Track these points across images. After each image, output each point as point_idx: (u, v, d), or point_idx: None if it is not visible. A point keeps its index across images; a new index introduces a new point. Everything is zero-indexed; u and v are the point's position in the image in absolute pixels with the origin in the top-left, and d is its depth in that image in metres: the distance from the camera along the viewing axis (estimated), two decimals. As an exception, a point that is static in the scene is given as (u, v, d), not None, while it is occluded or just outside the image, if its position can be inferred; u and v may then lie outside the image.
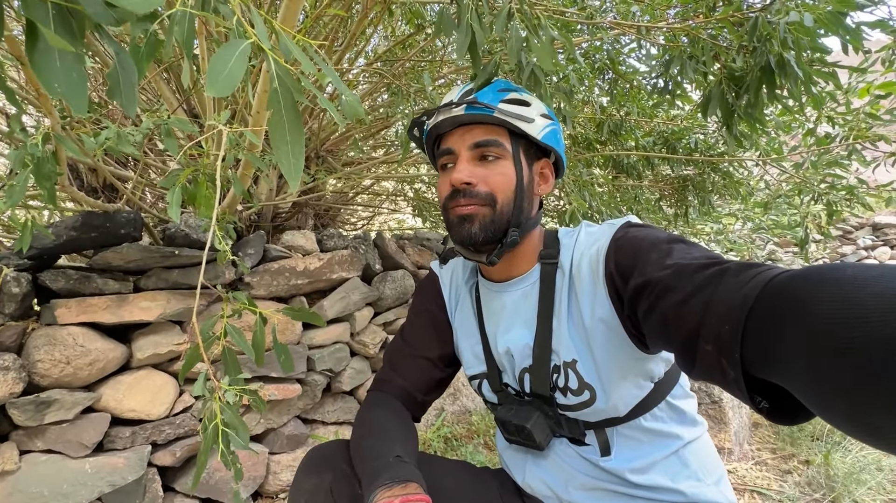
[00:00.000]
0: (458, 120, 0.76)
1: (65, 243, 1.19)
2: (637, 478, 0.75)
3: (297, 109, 0.41)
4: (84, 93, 0.30)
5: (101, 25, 0.31)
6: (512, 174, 0.75)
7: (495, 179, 0.74)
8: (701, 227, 3.36)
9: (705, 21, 1.04)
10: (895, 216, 5.94)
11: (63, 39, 0.29)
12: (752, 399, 0.45)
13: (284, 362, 0.68)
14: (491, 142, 0.75)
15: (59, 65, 0.29)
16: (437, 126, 0.79)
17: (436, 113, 0.79)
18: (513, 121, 0.74)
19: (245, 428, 0.58)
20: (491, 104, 0.74)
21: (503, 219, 0.74)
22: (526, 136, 0.76)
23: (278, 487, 1.67)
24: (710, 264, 0.53)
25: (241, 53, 0.38)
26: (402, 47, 2.16)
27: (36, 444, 1.17)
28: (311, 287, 1.78)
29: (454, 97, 0.78)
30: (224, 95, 0.34)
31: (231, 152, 1.01)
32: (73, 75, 0.30)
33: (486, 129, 0.76)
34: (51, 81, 0.29)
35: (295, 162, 0.40)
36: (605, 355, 0.70)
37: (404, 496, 0.60)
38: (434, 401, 0.92)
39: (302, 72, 0.48)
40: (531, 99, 0.79)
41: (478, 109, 0.73)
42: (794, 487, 1.70)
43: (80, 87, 0.30)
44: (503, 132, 0.76)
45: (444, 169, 0.80)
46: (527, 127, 0.75)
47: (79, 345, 1.20)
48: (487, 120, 0.75)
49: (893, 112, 1.89)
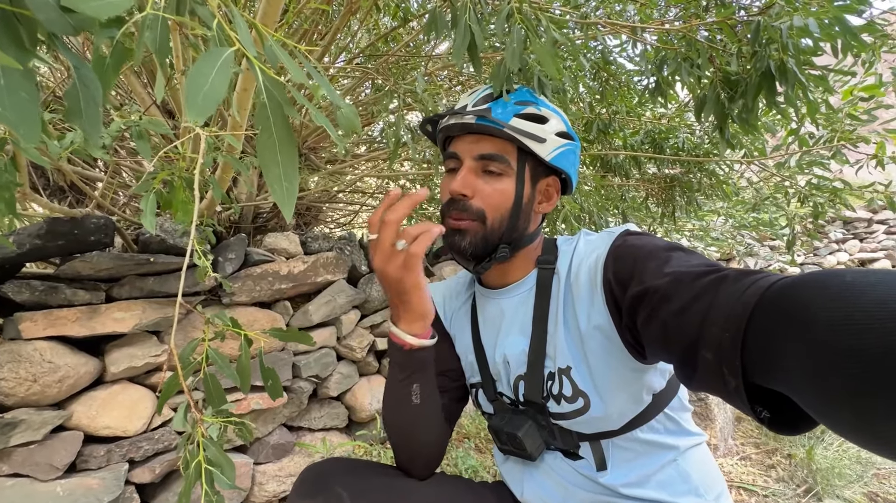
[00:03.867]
0: (467, 127, 0.74)
1: (28, 252, 1.11)
2: (635, 493, 0.74)
3: (288, 126, 0.36)
4: (36, 118, 0.25)
5: (56, 35, 0.27)
6: (511, 192, 0.74)
7: (491, 195, 0.73)
8: (682, 224, 3.40)
9: (701, 23, 1.02)
10: (865, 211, 6.16)
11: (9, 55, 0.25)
12: (754, 409, 0.44)
13: (272, 388, 0.63)
14: (496, 156, 0.73)
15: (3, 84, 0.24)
16: (446, 128, 0.77)
17: (448, 115, 0.77)
18: (523, 138, 0.72)
19: (231, 465, 0.54)
20: (502, 120, 0.72)
21: (494, 236, 0.74)
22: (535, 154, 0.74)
23: (264, 498, 1.62)
24: (708, 272, 0.53)
25: (223, 64, 0.33)
26: (384, 41, 2.10)
27: (1, 469, 1.10)
28: (296, 291, 1.72)
29: (469, 102, 0.76)
30: (206, 117, 0.29)
31: (209, 155, 0.95)
32: (23, 95, 0.25)
33: (494, 143, 0.74)
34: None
35: (288, 186, 0.36)
36: (600, 363, 0.69)
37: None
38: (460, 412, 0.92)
39: (290, 80, 0.43)
40: (550, 114, 0.76)
41: (487, 122, 0.72)
42: (778, 482, 1.73)
43: (30, 111, 0.25)
44: (511, 147, 0.74)
45: (450, 172, 0.79)
46: (536, 147, 0.73)
47: (46, 360, 1.13)
48: (497, 133, 0.72)
49: (871, 113, 1.92)
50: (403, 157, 2.38)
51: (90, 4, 0.27)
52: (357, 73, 1.99)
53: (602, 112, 1.81)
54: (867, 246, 6.16)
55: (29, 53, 0.26)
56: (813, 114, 1.06)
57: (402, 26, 2.00)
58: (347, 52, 2.22)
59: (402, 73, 2.03)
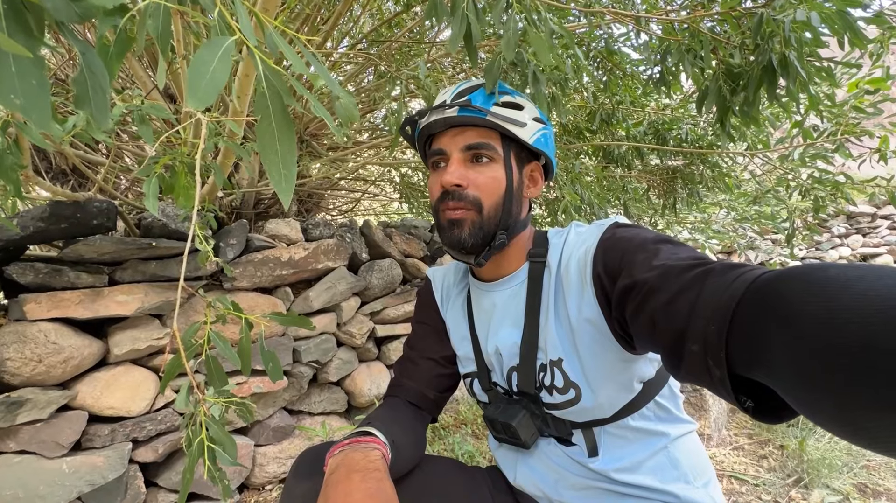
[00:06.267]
0: (450, 121, 0.75)
1: (32, 235, 1.12)
2: (626, 478, 0.76)
3: (287, 115, 0.37)
4: (47, 103, 0.25)
5: (63, 22, 0.27)
6: (502, 178, 0.75)
7: (485, 183, 0.74)
8: (684, 217, 3.39)
9: (705, 14, 1.01)
10: (868, 205, 6.13)
11: (18, 42, 0.25)
12: (738, 399, 0.45)
13: (272, 370, 0.65)
14: (483, 145, 0.74)
15: (14, 71, 0.25)
16: (428, 126, 0.78)
17: (428, 113, 0.77)
18: (505, 124, 0.73)
19: (232, 443, 0.56)
20: (483, 107, 0.73)
21: (491, 222, 0.75)
22: (517, 139, 0.76)
23: (265, 479, 1.65)
24: (695, 265, 0.53)
25: (224, 53, 0.34)
26: (388, 27, 2.08)
27: (8, 446, 1.12)
28: (297, 277, 1.74)
29: (447, 97, 0.77)
30: (207, 105, 0.30)
31: (210, 140, 0.95)
32: (33, 83, 0.26)
33: (478, 132, 0.75)
34: (6, 93, 0.24)
35: (286, 173, 0.36)
36: (591, 355, 0.70)
37: (354, 439, 0.65)
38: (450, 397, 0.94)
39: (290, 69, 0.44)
40: (524, 102, 0.78)
41: (470, 112, 0.73)
42: (769, 472, 1.76)
43: (41, 97, 0.25)
44: (495, 135, 0.76)
45: (436, 168, 0.79)
46: (519, 131, 0.75)
47: (51, 342, 1.15)
48: (480, 122, 0.74)
49: (877, 106, 1.91)
50: (405, 145, 2.38)
51: (94, -7, 0.28)
52: (360, 58, 1.98)
53: (605, 102, 1.80)
54: (870, 241, 6.14)
55: (37, 40, 0.27)
56: (814, 107, 1.06)
57: (406, 11, 1.98)
58: (351, 38, 2.20)
59: (406, 59, 2.02)
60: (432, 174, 0.80)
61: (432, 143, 0.80)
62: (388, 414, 0.81)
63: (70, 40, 0.28)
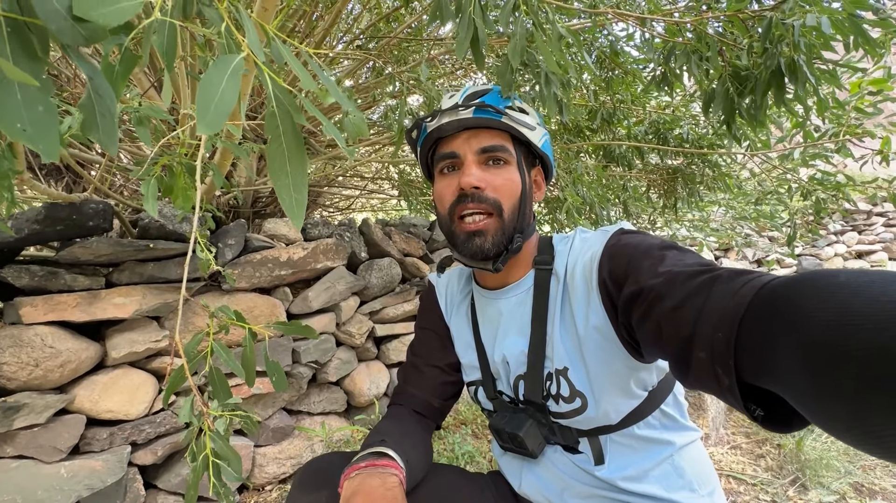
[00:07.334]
0: (464, 123, 0.73)
1: (27, 237, 1.10)
2: (631, 487, 0.75)
3: (298, 136, 0.36)
4: (55, 132, 0.24)
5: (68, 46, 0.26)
6: (518, 180, 0.75)
7: (503, 185, 0.73)
8: (683, 215, 3.39)
9: (712, 16, 1.00)
10: (864, 203, 6.16)
11: (22, 67, 0.24)
12: (747, 407, 0.45)
13: (277, 381, 0.64)
14: (499, 147, 0.74)
15: (20, 99, 0.24)
16: (438, 129, 0.75)
17: (438, 115, 0.75)
18: (519, 127, 0.73)
19: (238, 458, 0.55)
20: (500, 109, 0.72)
21: (510, 226, 0.74)
22: (527, 143, 0.76)
23: (264, 480, 1.65)
24: (702, 271, 0.53)
25: (233, 72, 0.32)
26: (386, 22, 2.05)
27: (6, 451, 1.11)
28: (295, 277, 1.73)
29: (458, 100, 0.76)
30: (216, 130, 0.29)
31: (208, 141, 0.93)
32: (40, 109, 0.24)
33: (493, 134, 0.74)
34: (11, 122, 0.23)
35: (297, 197, 0.35)
36: (597, 363, 0.70)
37: (370, 461, 0.64)
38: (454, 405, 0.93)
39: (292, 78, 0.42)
40: (526, 106, 0.79)
41: (487, 113, 0.72)
42: (767, 471, 1.77)
43: (49, 125, 0.24)
44: (507, 138, 0.75)
45: (443, 174, 0.77)
46: (530, 134, 0.75)
47: (48, 345, 1.13)
48: (495, 125, 0.73)
49: (877, 106, 1.90)
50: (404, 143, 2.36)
51: (100, 11, 0.27)
52: (357, 55, 1.95)
53: (606, 101, 1.79)
54: (865, 238, 6.17)
55: (41, 62, 0.26)
56: (823, 111, 1.05)
57: (405, 6, 1.95)
58: (349, 34, 2.17)
59: (405, 56, 1.99)
60: (440, 180, 0.78)
61: (439, 146, 0.78)
62: (397, 427, 0.80)
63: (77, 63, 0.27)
